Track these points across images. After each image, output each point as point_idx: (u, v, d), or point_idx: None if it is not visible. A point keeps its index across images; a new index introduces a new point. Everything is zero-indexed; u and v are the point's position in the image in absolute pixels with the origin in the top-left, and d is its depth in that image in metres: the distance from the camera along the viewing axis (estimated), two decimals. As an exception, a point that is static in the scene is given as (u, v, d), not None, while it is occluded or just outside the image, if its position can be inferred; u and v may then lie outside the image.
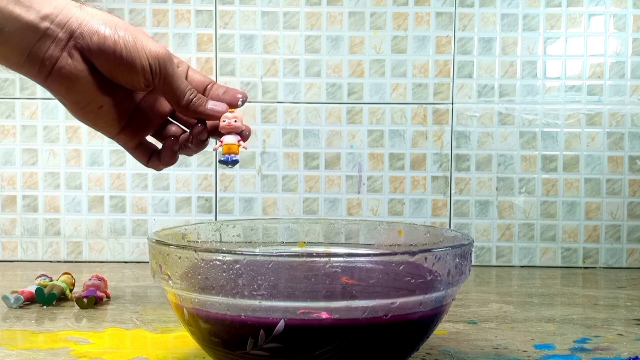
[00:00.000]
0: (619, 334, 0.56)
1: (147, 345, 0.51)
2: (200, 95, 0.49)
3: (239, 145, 0.49)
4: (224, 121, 0.48)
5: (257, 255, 0.37)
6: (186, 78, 0.50)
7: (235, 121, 0.49)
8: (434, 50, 0.91)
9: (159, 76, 0.46)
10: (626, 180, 0.91)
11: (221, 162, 0.49)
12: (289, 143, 0.91)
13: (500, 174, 0.92)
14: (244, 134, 0.49)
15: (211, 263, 0.37)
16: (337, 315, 0.38)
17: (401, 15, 0.91)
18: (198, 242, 0.52)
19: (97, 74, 0.45)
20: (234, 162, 0.49)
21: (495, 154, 0.92)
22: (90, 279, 0.68)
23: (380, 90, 0.91)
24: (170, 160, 0.50)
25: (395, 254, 0.40)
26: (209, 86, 0.51)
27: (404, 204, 0.92)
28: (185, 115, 0.50)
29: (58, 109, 0.91)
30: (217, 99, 0.50)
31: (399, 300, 0.38)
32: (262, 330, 0.37)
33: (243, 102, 0.50)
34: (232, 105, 0.50)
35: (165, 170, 0.91)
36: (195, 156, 0.91)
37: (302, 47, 0.91)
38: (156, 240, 0.42)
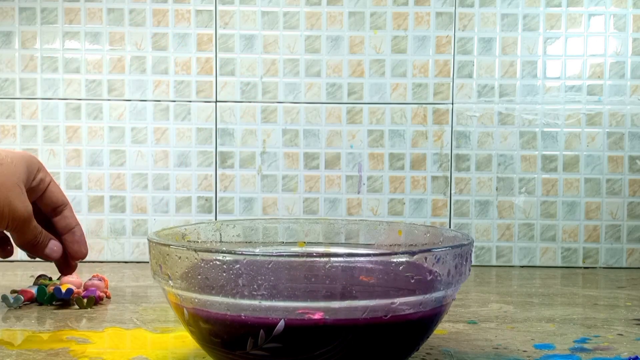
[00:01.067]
0: (619, 334, 0.56)
1: (147, 345, 0.51)
2: (45, 235, 0.60)
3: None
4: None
5: (257, 255, 0.37)
6: (44, 194, 0.60)
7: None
8: (434, 50, 0.91)
9: (13, 230, 0.55)
10: (626, 180, 0.91)
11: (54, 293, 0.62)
12: (289, 143, 0.91)
13: (500, 174, 0.92)
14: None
15: (211, 263, 0.37)
16: (337, 316, 0.38)
17: (401, 15, 0.91)
18: (198, 242, 0.52)
19: None
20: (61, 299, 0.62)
21: (495, 154, 0.92)
22: (90, 279, 0.68)
23: (380, 90, 0.91)
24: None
25: (395, 254, 0.40)
26: (60, 209, 0.61)
27: (404, 204, 0.92)
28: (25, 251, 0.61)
29: (58, 109, 0.91)
30: (70, 240, 0.62)
31: (399, 300, 0.38)
32: (262, 330, 0.37)
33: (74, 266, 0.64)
34: (72, 257, 0.63)
35: (165, 170, 0.91)
36: (195, 156, 0.91)
37: (302, 47, 0.91)
38: (156, 240, 0.42)
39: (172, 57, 0.91)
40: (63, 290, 0.64)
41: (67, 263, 0.63)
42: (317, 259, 0.38)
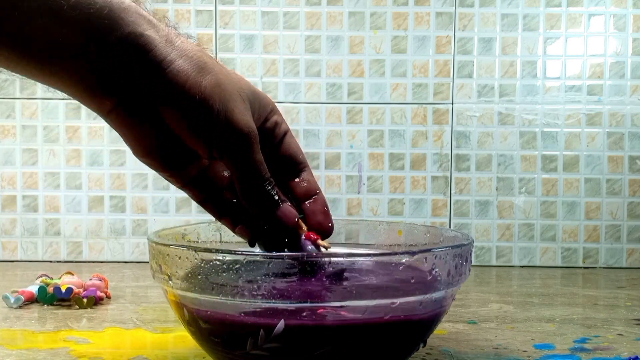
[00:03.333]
0: (619, 334, 0.56)
1: (147, 345, 0.51)
2: (277, 190, 0.41)
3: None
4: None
5: (257, 255, 0.37)
6: (280, 144, 0.44)
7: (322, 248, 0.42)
8: (434, 50, 0.91)
9: (230, 154, 0.39)
10: (626, 180, 0.91)
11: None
12: (289, 143, 0.91)
13: (500, 174, 0.92)
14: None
15: (211, 263, 0.37)
16: (337, 316, 0.38)
17: (401, 15, 0.91)
18: (198, 242, 0.52)
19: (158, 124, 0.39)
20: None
21: (495, 154, 0.92)
22: (90, 279, 0.68)
23: (380, 90, 0.91)
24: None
25: (395, 254, 0.40)
26: (299, 168, 0.45)
27: (404, 204, 0.92)
28: (245, 203, 0.41)
29: (58, 109, 0.91)
30: (312, 210, 0.44)
31: (399, 300, 0.38)
32: (262, 330, 0.37)
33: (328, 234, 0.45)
34: (323, 228, 0.44)
35: (165, 170, 0.91)
36: (195, 156, 0.91)
37: (302, 47, 0.91)
38: (156, 240, 0.42)
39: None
40: (63, 290, 0.64)
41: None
42: (317, 259, 0.38)
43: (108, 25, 0.35)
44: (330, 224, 0.45)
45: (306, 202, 0.45)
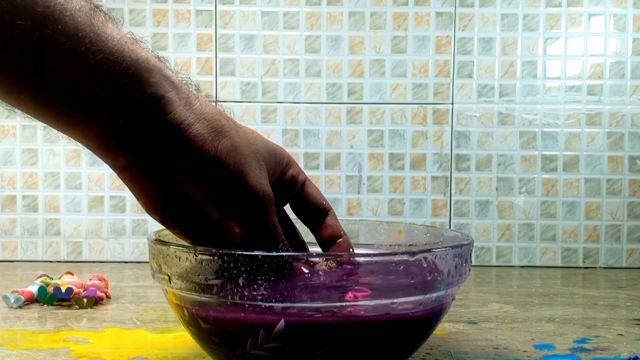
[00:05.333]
0: (619, 334, 0.56)
1: (147, 345, 0.51)
2: (290, 249, 0.41)
3: None
4: None
5: (257, 255, 0.37)
6: (301, 194, 0.45)
7: None
8: (434, 50, 0.91)
9: (242, 217, 0.39)
10: (626, 180, 0.91)
11: None
12: (289, 143, 0.91)
13: (500, 174, 0.92)
14: None
15: (211, 263, 0.37)
16: (337, 316, 0.38)
17: (401, 15, 0.91)
18: (198, 242, 0.52)
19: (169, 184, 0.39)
20: None
21: (495, 154, 0.92)
22: (90, 279, 0.68)
23: (380, 90, 0.91)
24: None
25: (395, 254, 0.40)
26: (322, 214, 0.45)
27: (404, 204, 0.92)
28: None
29: (58, 109, 0.91)
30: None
31: (399, 300, 0.38)
32: (262, 330, 0.37)
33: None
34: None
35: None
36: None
37: (302, 47, 0.91)
38: (156, 240, 0.42)
39: (172, 57, 0.91)
40: (63, 290, 0.64)
41: None
42: (317, 259, 0.38)
43: (132, 84, 0.36)
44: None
45: (331, 247, 0.46)
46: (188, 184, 0.38)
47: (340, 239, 0.46)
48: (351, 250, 0.47)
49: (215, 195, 0.38)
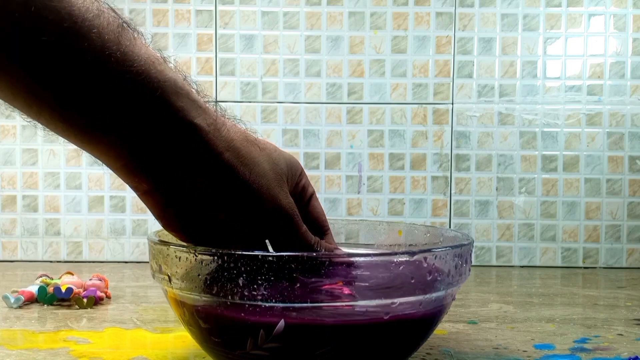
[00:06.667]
0: (619, 334, 0.56)
1: (147, 345, 0.51)
2: (323, 244, 0.43)
3: None
4: None
5: (257, 255, 0.37)
6: (307, 207, 0.46)
7: None
8: (434, 50, 0.91)
9: (277, 234, 0.40)
10: (626, 180, 0.91)
11: None
12: (289, 143, 0.91)
13: (500, 174, 0.92)
14: None
15: (211, 263, 0.37)
16: (337, 316, 0.38)
17: (401, 15, 0.91)
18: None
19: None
20: None
21: (495, 154, 0.92)
22: (90, 279, 0.68)
23: (380, 90, 0.91)
24: None
25: (395, 254, 0.40)
26: (325, 238, 0.46)
27: (404, 204, 0.92)
28: None
29: (58, 109, 0.91)
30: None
31: (399, 300, 0.38)
32: (262, 330, 0.37)
33: None
34: None
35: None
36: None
37: (302, 47, 0.91)
38: (156, 240, 0.42)
39: (172, 57, 0.91)
40: (63, 290, 0.64)
41: None
42: (318, 259, 0.38)
43: (158, 108, 0.35)
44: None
45: None
46: (217, 209, 0.38)
47: None
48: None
49: (251, 222, 0.39)
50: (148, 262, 0.44)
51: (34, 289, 0.65)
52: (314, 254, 0.38)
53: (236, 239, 0.40)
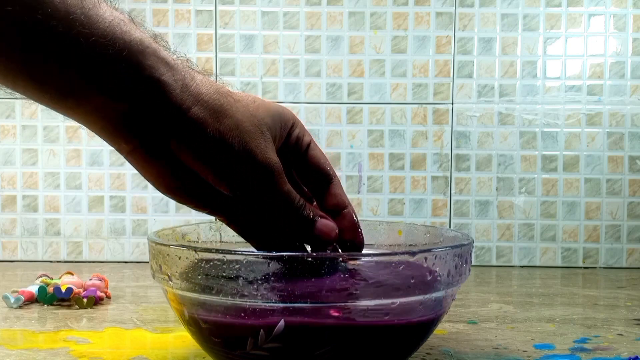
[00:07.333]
0: (619, 334, 0.56)
1: (147, 345, 0.51)
2: (309, 207, 0.41)
3: None
4: None
5: (257, 255, 0.37)
6: (307, 156, 0.44)
7: None
8: (434, 50, 0.91)
9: (256, 193, 0.39)
10: (626, 180, 0.91)
11: None
12: (289, 143, 0.91)
13: (500, 174, 0.92)
14: None
15: (211, 263, 0.37)
16: (337, 316, 0.38)
17: (401, 15, 0.91)
18: (198, 242, 0.52)
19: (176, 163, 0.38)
20: None
21: (495, 154, 0.92)
22: (90, 279, 0.68)
23: (380, 90, 0.91)
24: None
25: (395, 254, 0.40)
26: (326, 180, 0.44)
27: (404, 204, 0.92)
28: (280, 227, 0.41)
29: (58, 109, 0.91)
30: (342, 226, 0.43)
31: (398, 301, 0.38)
32: (262, 330, 0.37)
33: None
34: (355, 244, 0.44)
35: (165, 170, 0.91)
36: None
37: (302, 47, 0.91)
38: (156, 240, 0.42)
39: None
40: (63, 290, 0.64)
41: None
42: (318, 259, 0.38)
43: (126, 67, 0.35)
44: (360, 238, 0.45)
45: (335, 219, 0.44)
46: (196, 167, 0.38)
47: (345, 210, 0.45)
48: (356, 221, 0.45)
49: (224, 176, 0.38)
50: (148, 262, 0.44)
51: (34, 289, 0.65)
52: (314, 254, 0.38)
53: (225, 197, 0.40)
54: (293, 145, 0.43)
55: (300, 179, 0.45)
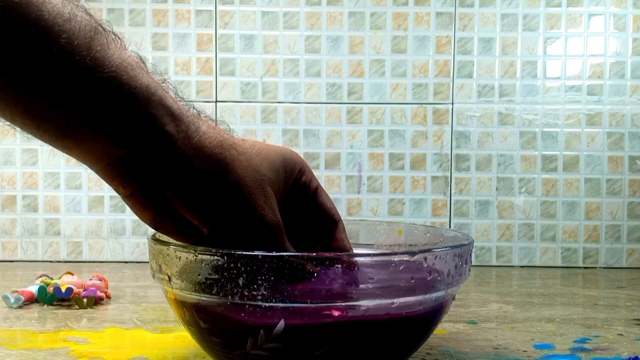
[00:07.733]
0: (619, 334, 0.56)
1: (147, 345, 0.51)
2: (311, 266, 0.39)
3: None
4: None
5: (257, 255, 0.37)
6: (313, 202, 0.44)
7: None
8: (434, 50, 0.91)
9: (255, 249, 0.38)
10: (626, 180, 0.91)
11: None
12: (289, 143, 0.91)
13: (500, 174, 0.92)
14: None
15: (211, 263, 0.37)
16: (337, 316, 0.38)
17: (401, 15, 0.91)
18: (198, 242, 0.52)
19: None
20: None
21: (495, 154, 0.92)
22: (90, 279, 0.68)
23: (380, 90, 0.91)
24: None
25: (395, 254, 0.40)
26: (330, 226, 0.44)
27: (404, 204, 0.92)
28: None
29: (58, 109, 0.91)
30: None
31: (399, 300, 0.38)
32: (262, 330, 0.37)
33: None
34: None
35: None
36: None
37: (302, 47, 0.91)
38: (156, 240, 0.42)
39: (172, 57, 0.91)
40: (63, 290, 0.64)
41: None
42: (318, 259, 0.38)
43: (129, 115, 0.34)
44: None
45: None
46: (192, 219, 0.38)
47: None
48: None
49: (221, 231, 0.38)
50: (148, 262, 0.44)
51: (34, 289, 0.65)
52: (315, 254, 0.38)
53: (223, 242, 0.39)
54: (300, 189, 0.43)
55: (306, 221, 0.45)
